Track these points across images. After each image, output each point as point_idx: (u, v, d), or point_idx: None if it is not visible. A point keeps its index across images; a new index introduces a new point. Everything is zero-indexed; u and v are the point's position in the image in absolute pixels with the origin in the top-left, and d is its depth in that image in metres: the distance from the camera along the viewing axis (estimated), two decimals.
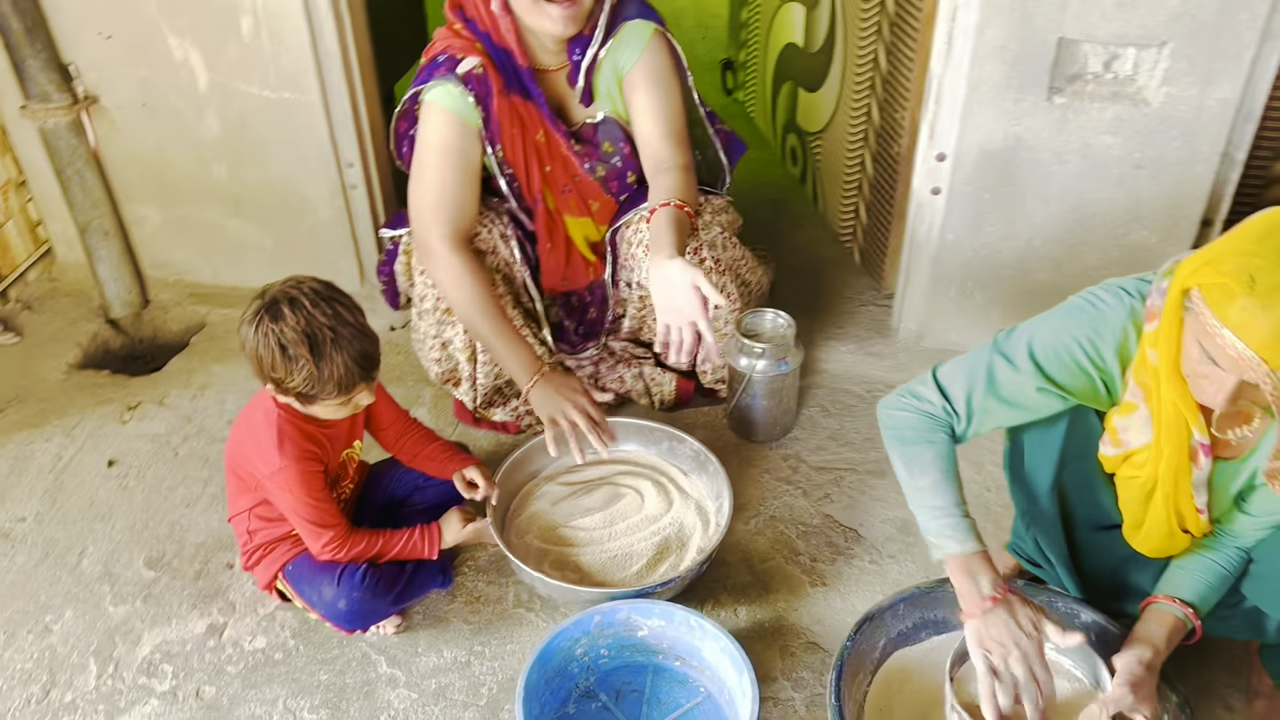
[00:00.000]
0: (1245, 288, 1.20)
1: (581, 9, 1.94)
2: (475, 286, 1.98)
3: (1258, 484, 1.48)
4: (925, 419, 1.58)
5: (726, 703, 1.71)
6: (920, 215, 2.32)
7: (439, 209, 1.98)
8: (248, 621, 1.89)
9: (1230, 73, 1.98)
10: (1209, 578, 1.54)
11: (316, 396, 1.64)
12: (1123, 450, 1.50)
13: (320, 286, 1.64)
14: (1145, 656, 1.48)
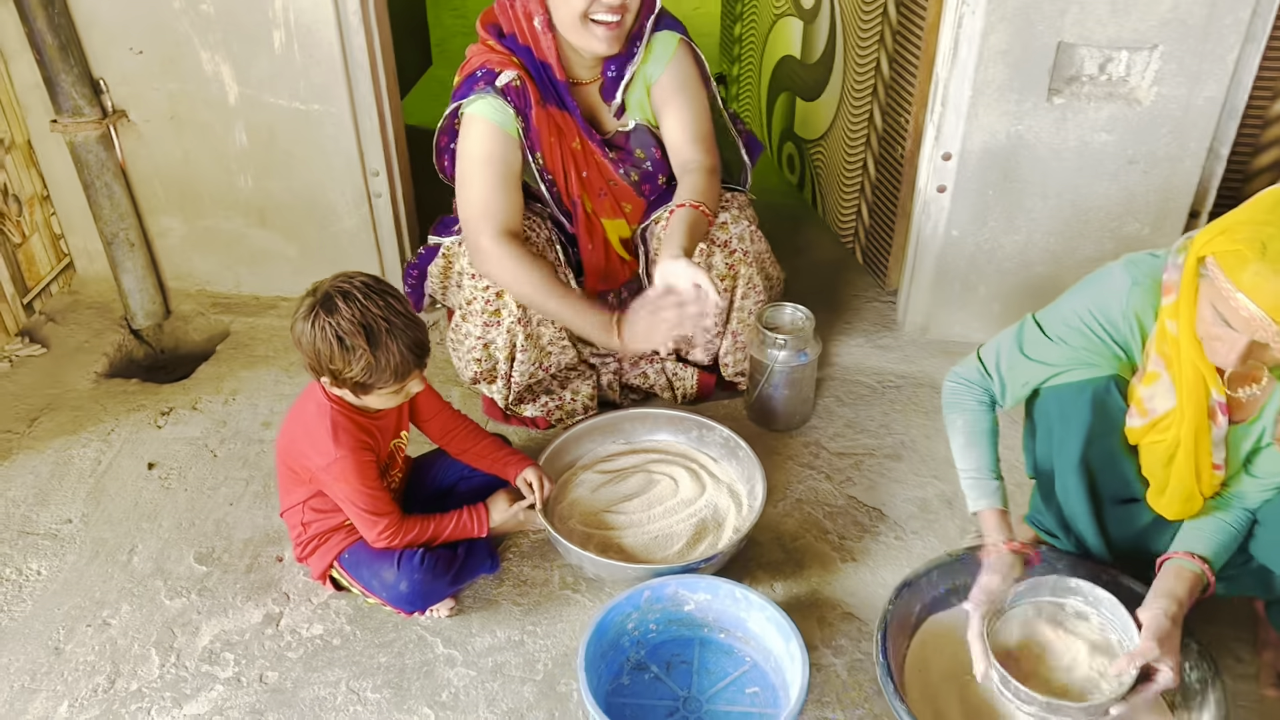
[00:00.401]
0: (1258, 254, 1.33)
1: (624, 29, 2.06)
2: (534, 267, 2.06)
3: (1263, 445, 1.61)
4: (964, 388, 1.79)
5: (773, 670, 1.80)
6: (926, 213, 2.45)
7: (487, 213, 2.07)
8: (303, 610, 1.96)
9: (1216, 73, 2.14)
10: (1220, 536, 1.66)
11: (373, 385, 1.72)
12: (1149, 419, 1.62)
13: (370, 280, 1.72)
14: (1171, 610, 1.59)
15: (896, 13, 2.49)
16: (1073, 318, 1.66)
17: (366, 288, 1.70)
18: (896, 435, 2.35)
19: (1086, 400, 1.67)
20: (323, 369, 1.72)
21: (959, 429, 1.78)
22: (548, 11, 2.04)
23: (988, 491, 1.73)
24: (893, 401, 2.45)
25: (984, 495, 1.73)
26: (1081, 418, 1.68)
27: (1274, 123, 2.32)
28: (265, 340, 2.66)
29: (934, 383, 2.50)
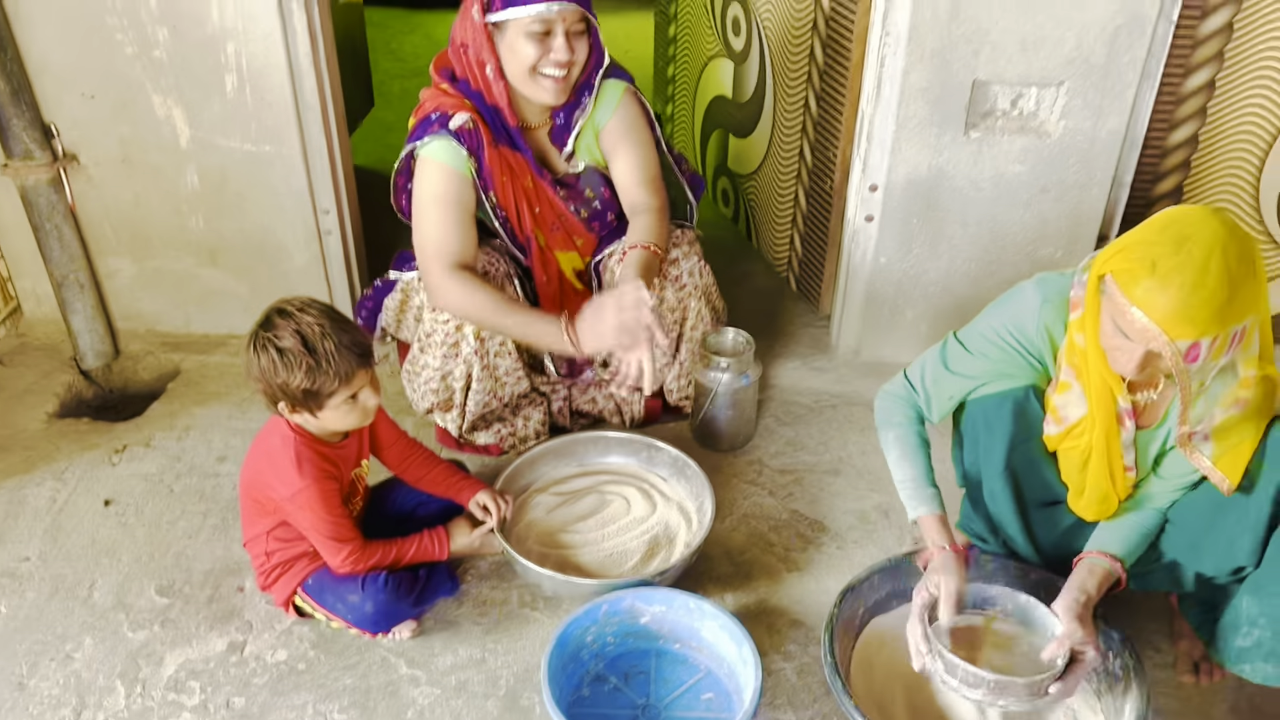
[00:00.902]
0: (1148, 271, 1.47)
1: (571, 81, 2.17)
2: (485, 290, 2.14)
3: (1168, 449, 1.75)
4: (894, 404, 1.92)
5: (727, 676, 1.89)
6: (855, 241, 2.59)
7: (440, 250, 2.15)
8: (266, 637, 2.00)
9: (1117, 107, 2.31)
10: (1132, 534, 1.79)
11: (321, 392, 1.77)
12: (1064, 426, 1.76)
13: (307, 299, 1.81)
14: (1082, 599, 1.72)
15: (823, 54, 2.64)
16: (991, 334, 1.81)
17: (303, 304, 1.79)
18: (834, 452, 2.47)
19: (1008, 410, 1.80)
20: (273, 389, 1.77)
21: (892, 443, 1.91)
22: (498, 60, 2.14)
23: (925, 499, 1.85)
24: (829, 420, 2.58)
25: (922, 503, 1.85)
26: (1004, 426, 1.81)
27: (1171, 152, 2.51)
28: (216, 377, 2.70)
29: (867, 402, 2.62)
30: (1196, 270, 1.44)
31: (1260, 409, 1.63)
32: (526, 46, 2.07)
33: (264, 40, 2.39)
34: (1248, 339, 1.54)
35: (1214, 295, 1.44)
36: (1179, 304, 1.44)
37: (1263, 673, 1.76)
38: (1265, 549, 1.70)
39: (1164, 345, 1.48)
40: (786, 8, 2.77)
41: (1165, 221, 1.52)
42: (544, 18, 2.05)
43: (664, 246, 2.24)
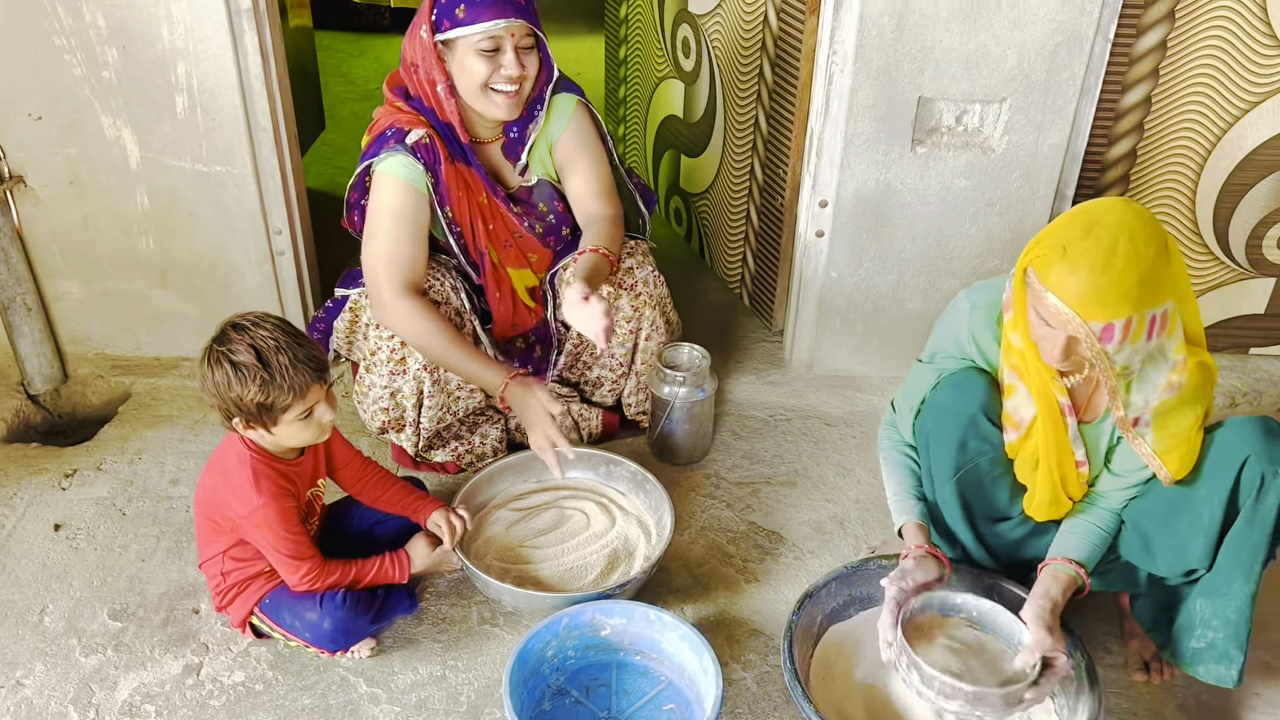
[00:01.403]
0: (1059, 256, 1.53)
1: (523, 96, 2.19)
2: (433, 320, 2.16)
3: (1117, 442, 1.80)
4: (885, 431, 2.05)
5: (688, 686, 1.89)
6: (807, 256, 2.63)
7: (391, 266, 2.16)
8: (223, 659, 1.97)
9: (1058, 123, 2.38)
10: (1092, 539, 1.83)
11: (276, 406, 1.76)
12: (1021, 430, 1.79)
13: (262, 313, 1.81)
14: (1048, 605, 1.75)
15: (772, 73, 2.69)
16: (940, 349, 1.89)
17: (257, 318, 1.79)
18: (790, 464, 2.50)
19: (954, 422, 1.85)
20: (228, 403, 1.76)
21: (883, 464, 2.01)
22: (449, 78, 2.16)
23: (906, 509, 1.92)
24: (784, 433, 2.61)
25: (904, 513, 1.92)
26: (952, 437, 1.85)
27: (1111, 166, 2.58)
28: (168, 400, 2.67)
29: (821, 415, 2.67)
30: (1104, 252, 1.50)
31: (1197, 393, 1.69)
32: (477, 64, 2.10)
33: (215, 61, 2.39)
34: (1170, 324, 1.59)
35: (1123, 276, 1.50)
36: (1088, 285, 1.51)
37: (1215, 674, 1.81)
38: (1217, 551, 1.76)
39: (1078, 327, 1.54)
40: (735, 28, 2.81)
41: (1077, 211, 1.60)
42: (492, 34, 2.07)
43: (616, 252, 2.27)
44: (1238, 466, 1.67)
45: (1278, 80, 2.45)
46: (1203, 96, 2.48)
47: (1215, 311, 2.81)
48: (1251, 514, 1.68)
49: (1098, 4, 2.25)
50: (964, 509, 1.91)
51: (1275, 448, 1.66)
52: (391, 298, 2.15)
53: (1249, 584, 1.73)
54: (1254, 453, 1.66)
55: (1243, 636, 1.76)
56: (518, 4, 2.07)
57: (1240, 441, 1.68)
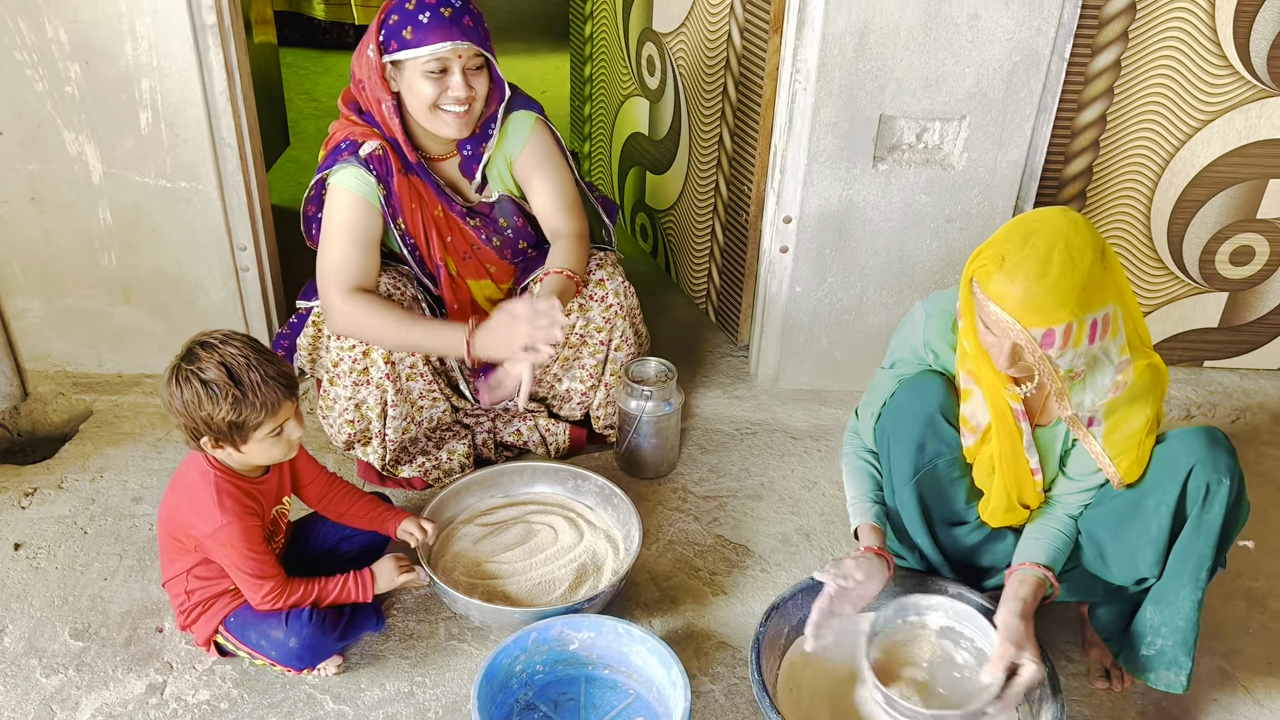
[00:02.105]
0: (998, 265, 1.59)
1: (474, 115, 2.20)
2: (383, 309, 2.16)
3: (1071, 445, 1.84)
4: (848, 438, 2.07)
5: (656, 699, 1.90)
6: (771, 272, 2.66)
7: (341, 273, 2.16)
8: (187, 678, 1.96)
9: (1016, 140, 2.43)
10: (1055, 543, 1.87)
11: (248, 425, 1.76)
12: (978, 434, 1.83)
13: (228, 331, 1.81)
14: (1018, 610, 1.78)
15: (736, 91, 2.72)
16: (898, 357, 1.94)
17: (224, 336, 1.79)
18: (756, 477, 2.52)
19: (912, 423, 1.88)
20: (197, 422, 1.75)
21: (846, 467, 2.04)
22: (393, 97, 2.17)
23: (862, 511, 1.95)
24: (751, 447, 2.62)
25: (860, 515, 1.95)
26: (911, 438, 1.89)
27: (1068, 183, 2.64)
28: (131, 418, 2.65)
29: (787, 428, 2.69)
30: (1040, 261, 1.55)
31: (1145, 393, 1.73)
32: (424, 85, 2.11)
33: (179, 76, 2.38)
34: (1112, 327, 1.63)
35: (1059, 283, 1.55)
36: (1025, 293, 1.56)
37: (1165, 680, 1.84)
38: (1167, 560, 1.79)
39: (1019, 334, 1.59)
40: (700, 47, 2.85)
41: (1015, 221, 1.65)
42: (439, 56, 2.08)
43: (581, 272, 2.28)
44: (1184, 476, 1.71)
45: (1228, 99, 2.51)
46: (1156, 115, 2.54)
47: (1170, 325, 2.87)
48: (1197, 523, 1.72)
49: (1053, 24, 2.30)
50: (922, 512, 1.94)
51: (1220, 457, 1.70)
52: (340, 302, 2.16)
53: (1195, 592, 1.76)
54: (1199, 462, 1.70)
55: (1190, 643, 1.80)
56: (464, 26, 2.08)
57: (1186, 451, 1.72)
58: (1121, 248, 2.74)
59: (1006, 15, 2.28)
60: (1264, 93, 2.50)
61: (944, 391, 1.87)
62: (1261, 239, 2.72)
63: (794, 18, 2.35)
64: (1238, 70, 2.47)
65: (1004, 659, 1.73)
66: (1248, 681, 2.03)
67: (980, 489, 1.92)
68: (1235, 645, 2.11)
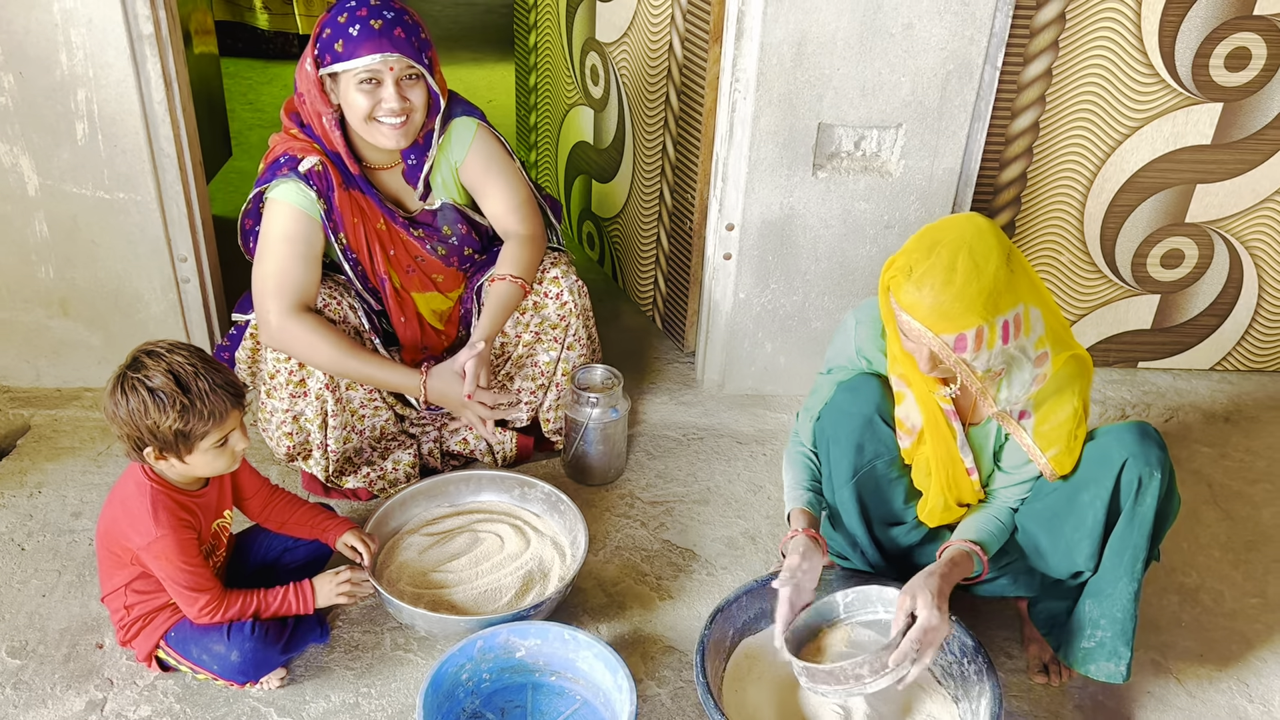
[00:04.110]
0: (906, 275, 1.64)
1: (413, 125, 2.19)
2: (325, 334, 2.16)
3: (1004, 440, 1.88)
4: (791, 439, 2.08)
5: (603, 704, 1.91)
6: (715, 279, 2.68)
7: (281, 288, 2.15)
8: (128, 694, 1.93)
9: (951, 147, 2.48)
10: (989, 525, 1.90)
11: (194, 434, 1.74)
12: (913, 436, 1.87)
13: (172, 341, 1.79)
14: (929, 571, 1.80)
15: (678, 100, 2.75)
16: (834, 364, 1.98)
17: (170, 345, 1.77)
18: (702, 482, 2.54)
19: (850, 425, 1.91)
20: (142, 432, 1.73)
21: (786, 461, 2.06)
22: (334, 109, 2.17)
23: (796, 497, 1.98)
24: (697, 452, 2.65)
25: (794, 501, 1.97)
26: (849, 439, 1.92)
27: (1003, 189, 2.69)
28: (70, 432, 2.61)
29: (733, 433, 2.72)
30: (945, 270, 1.60)
31: (1070, 382, 1.77)
32: (358, 97, 2.11)
33: (116, 87, 2.36)
34: (1024, 326, 1.67)
35: (964, 290, 1.59)
36: (933, 302, 1.60)
37: (1105, 671, 1.89)
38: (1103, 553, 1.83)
39: (932, 340, 1.64)
40: (642, 56, 2.87)
41: (924, 231, 1.69)
42: (370, 68, 2.09)
43: (530, 277, 2.29)
44: (1117, 470, 1.76)
45: (1156, 107, 2.58)
46: (1087, 122, 2.61)
47: (1105, 327, 2.94)
48: (1131, 515, 1.77)
49: (985, 34, 2.35)
50: (861, 512, 1.98)
51: (1151, 450, 1.75)
52: (279, 319, 2.15)
53: (1132, 583, 1.81)
54: (1131, 456, 1.75)
55: (1129, 633, 1.85)
56: (395, 38, 2.08)
57: (1118, 446, 1.77)
58: (1056, 252, 2.80)
59: (940, 25, 2.33)
60: (1189, 100, 2.57)
61: (881, 393, 1.90)
62: (1190, 242, 2.80)
63: (733, 27, 2.38)
64: (1164, 79, 2.54)
65: (902, 610, 1.76)
66: (1180, 673, 2.08)
67: (918, 489, 1.96)
68: (1168, 639, 2.16)
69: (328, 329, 2.17)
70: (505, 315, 2.28)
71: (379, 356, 2.25)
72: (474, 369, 2.18)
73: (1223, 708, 2.02)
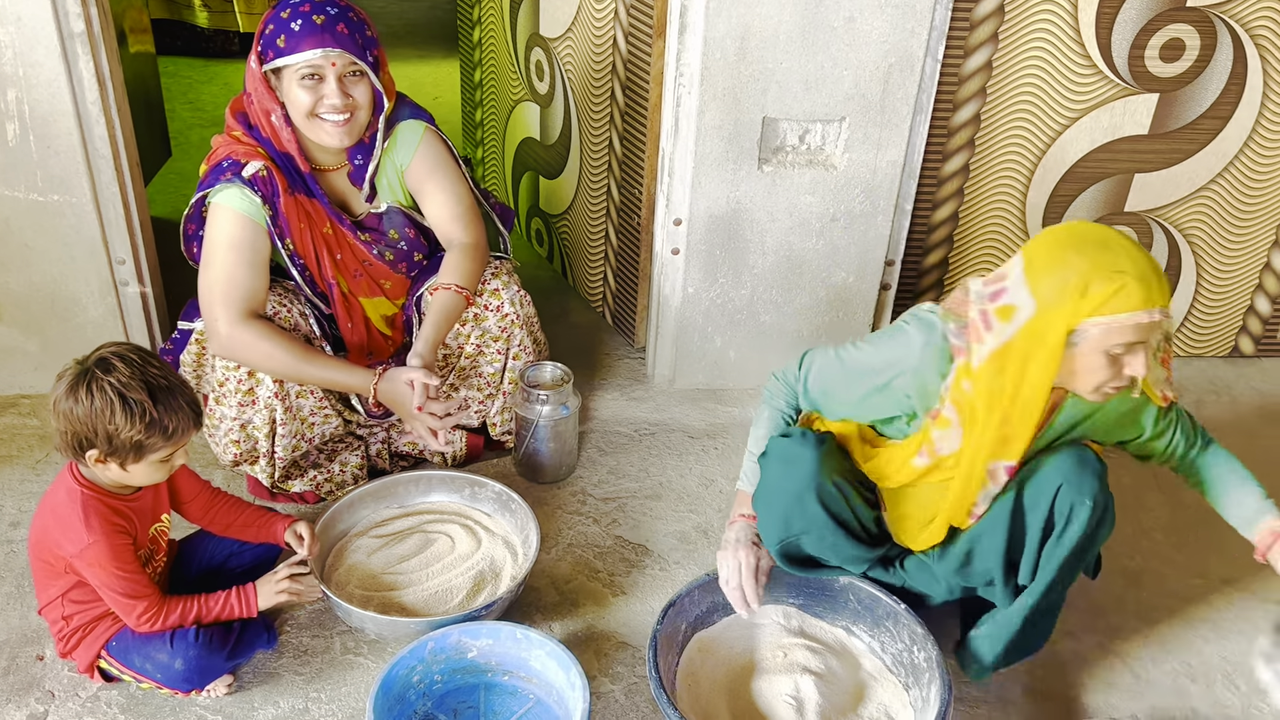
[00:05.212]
0: (1122, 276, 1.55)
1: (357, 123, 2.16)
2: (277, 340, 2.13)
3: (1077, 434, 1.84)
4: (780, 386, 1.99)
5: (556, 702, 1.90)
6: (664, 274, 2.68)
7: (228, 296, 2.12)
8: (70, 706, 1.89)
9: (895, 140, 2.49)
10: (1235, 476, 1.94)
11: (148, 447, 1.71)
12: (934, 459, 1.80)
13: (137, 347, 1.76)
14: None
15: (623, 95, 2.74)
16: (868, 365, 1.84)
17: (139, 351, 1.74)
18: (654, 477, 2.54)
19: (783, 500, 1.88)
20: (95, 433, 1.69)
21: (763, 420, 1.99)
22: (284, 106, 2.14)
23: (753, 476, 1.96)
24: (649, 448, 2.64)
25: (750, 481, 1.97)
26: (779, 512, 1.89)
27: (946, 180, 2.72)
28: (7, 440, 2.55)
29: (684, 428, 2.72)
30: (1133, 249, 1.58)
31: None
32: (300, 93, 2.09)
33: (48, 87, 2.30)
34: None
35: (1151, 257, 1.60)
36: (1157, 283, 1.56)
37: (968, 663, 1.98)
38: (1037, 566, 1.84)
39: (1164, 321, 1.58)
40: (586, 52, 2.86)
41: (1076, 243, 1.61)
42: (311, 64, 2.06)
43: (472, 287, 2.27)
44: (1052, 494, 1.76)
45: (1094, 98, 2.62)
46: (1027, 114, 2.64)
47: None
48: (1059, 536, 1.78)
49: (926, 27, 2.37)
50: (791, 563, 1.98)
51: (1085, 479, 1.75)
52: (229, 327, 2.11)
53: (1031, 598, 1.84)
54: (1065, 482, 1.75)
55: (1002, 644, 1.90)
56: (337, 33, 2.05)
57: (1056, 471, 1.77)
58: (999, 242, 2.84)
59: (881, 18, 2.34)
60: (1126, 90, 2.62)
61: (815, 464, 1.84)
62: (1130, 231, 2.85)
63: (676, 22, 2.38)
64: (1102, 70, 2.58)
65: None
66: (1125, 655, 2.12)
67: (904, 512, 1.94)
68: (1114, 621, 2.20)
69: (278, 335, 2.14)
70: (448, 325, 2.26)
71: (332, 359, 2.22)
72: (420, 381, 2.15)
73: (1167, 687, 2.06)
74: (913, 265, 2.85)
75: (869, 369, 1.83)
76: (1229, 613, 2.23)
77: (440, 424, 2.18)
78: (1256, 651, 2.10)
